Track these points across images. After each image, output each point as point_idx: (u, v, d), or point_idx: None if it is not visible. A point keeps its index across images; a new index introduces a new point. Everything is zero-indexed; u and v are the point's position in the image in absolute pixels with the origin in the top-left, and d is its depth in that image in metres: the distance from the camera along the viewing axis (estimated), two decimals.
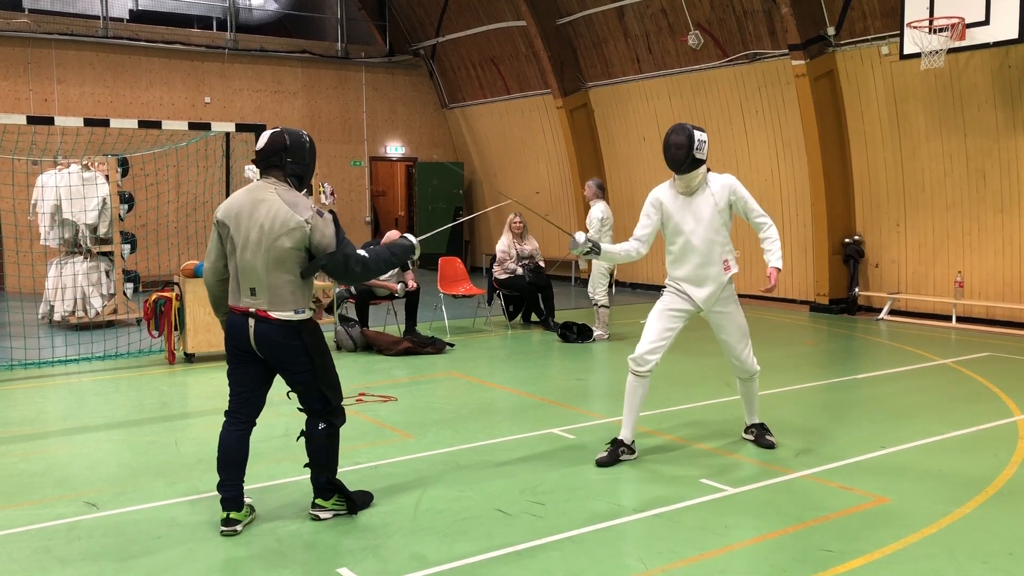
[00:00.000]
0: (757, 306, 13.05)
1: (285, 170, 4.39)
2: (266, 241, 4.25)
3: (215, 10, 17.52)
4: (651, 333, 5.55)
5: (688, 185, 5.46)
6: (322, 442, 4.52)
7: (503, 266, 10.92)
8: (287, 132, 4.44)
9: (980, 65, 10.67)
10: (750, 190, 5.76)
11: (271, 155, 4.38)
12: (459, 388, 7.98)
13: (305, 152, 4.45)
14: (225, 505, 4.36)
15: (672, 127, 5.45)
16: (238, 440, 4.43)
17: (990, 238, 11.09)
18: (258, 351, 4.36)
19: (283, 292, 4.29)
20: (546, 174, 17.28)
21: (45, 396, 7.71)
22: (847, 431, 6.36)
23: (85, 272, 10.93)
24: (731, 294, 5.64)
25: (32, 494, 5.01)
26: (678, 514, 4.64)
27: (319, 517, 4.55)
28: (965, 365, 8.76)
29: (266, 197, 4.31)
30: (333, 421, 4.54)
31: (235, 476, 4.40)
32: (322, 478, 4.56)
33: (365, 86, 18.55)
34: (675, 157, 5.37)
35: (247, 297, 4.33)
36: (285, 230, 4.23)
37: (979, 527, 4.46)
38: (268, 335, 4.30)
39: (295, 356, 4.35)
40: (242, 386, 4.46)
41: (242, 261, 4.31)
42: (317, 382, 4.44)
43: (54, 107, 14.96)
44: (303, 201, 4.35)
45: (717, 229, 5.48)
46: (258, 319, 4.30)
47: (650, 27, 14.32)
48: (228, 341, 4.43)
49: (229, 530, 4.33)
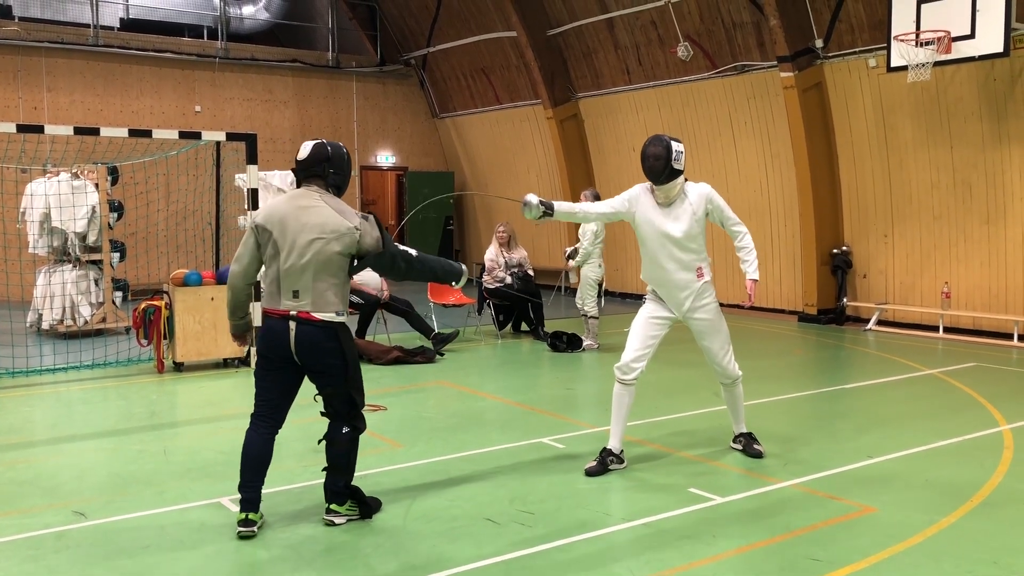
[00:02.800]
0: (745, 316, 13.10)
1: (327, 180, 4.57)
2: (317, 245, 4.40)
3: (206, 19, 17.53)
4: (635, 341, 5.59)
5: (667, 195, 5.49)
6: (345, 446, 4.61)
7: (492, 275, 10.94)
8: (329, 144, 4.64)
9: (966, 78, 10.77)
10: (739, 201, 5.84)
11: (314, 165, 4.55)
12: (449, 397, 7.99)
13: (344, 163, 4.64)
14: (244, 506, 4.44)
15: (649, 138, 5.49)
16: (263, 442, 4.51)
17: (976, 249, 11.18)
18: (296, 354, 4.44)
19: (327, 294, 4.44)
20: (536, 184, 17.32)
21: (33, 405, 7.67)
22: (834, 441, 6.40)
23: (74, 280, 10.90)
24: (710, 300, 5.66)
25: (20, 503, 4.99)
26: (666, 523, 4.66)
27: (334, 522, 4.59)
28: (951, 375, 8.83)
29: (313, 204, 4.47)
30: (358, 425, 4.64)
31: (256, 478, 4.48)
32: (340, 482, 4.62)
33: (356, 95, 18.58)
34: (653, 168, 5.40)
35: (288, 299, 4.43)
36: (336, 235, 4.41)
37: (965, 536, 4.50)
38: (309, 336, 4.41)
39: (332, 358, 4.47)
40: (271, 392, 4.55)
41: (287, 265, 4.43)
42: (348, 385, 4.55)
43: (44, 115, 14.93)
44: (349, 208, 4.56)
45: (693, 238, 5.53)
46: (300, 321, 4.41)
47: (640, 38, 14.41)
48: (264, 345, 4.51)
49: (247, 531, 4.40)
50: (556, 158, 16.41)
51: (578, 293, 10.41)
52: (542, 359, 9.90)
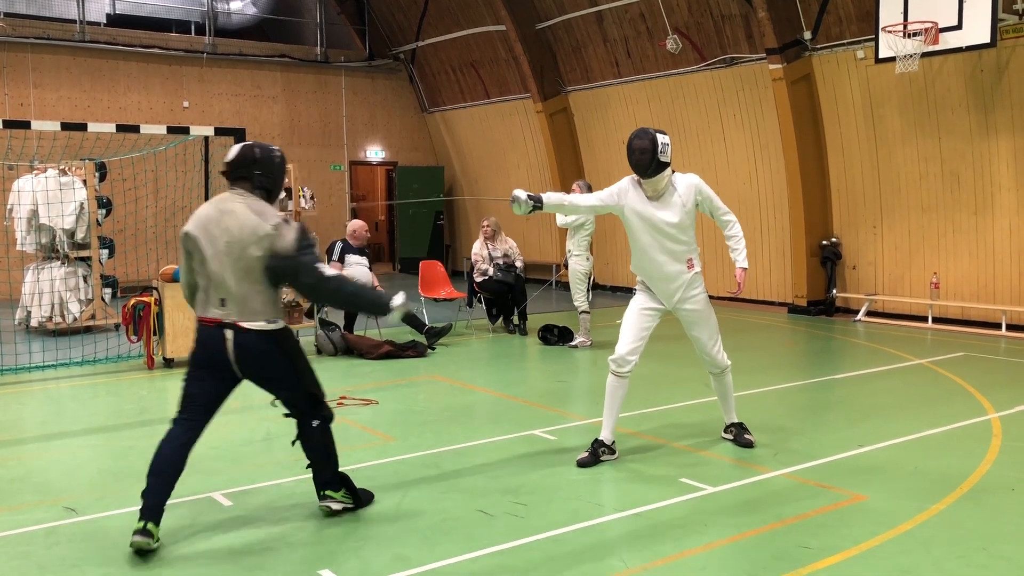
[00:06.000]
0: (735, 308, 13.14)
1: (253, 182, 4.36)
2: (236, 251, 4.22)
3: (193, 14, 17.45)
4: (629, 333, 5.59)
5: (655, 188, 5.47)
6: (319, 439, 4.52)
7: (477, 268, 10.96)
8: (258, 145, 4.44)
9: (953, 69, 10.81)
10: (728, 193, 5.86)
11: (241, 167, 4.37)
12: (440, 391, 7.99)
13: (274, 166, 4.43)
14: (144, 513, 4.14)
15: (634, 132, 5.46)
16: (180, 450, 4.27)
17: (964, 240, 11.24)
18: (237, 365, 4.26)
19: (254, 303, 4.24)
20: (526, 178, 17.32)
21: (23, 402, 7.64)
22: (825, 430, 6.43)
23: (63, 277, 10.84)
24: (700, 291, 5.67)
25: (10, 500, 4.98)
26: (658, 513, 4.68)
27: (331, 508, 4.56)
28: (941, 365, 8.87)
29: (234, 208, 4.29)
30: (325, 415, 4.54)
31: (163, 486, 4.22)
32: (327, 473, 4.57)
33: (345, 90, 18.53)
34: (640, 162, 5.38)
35: (216, 308, 4.25)
36: (254, 239, 4.21)
37: (954, 523, 4.53)
38: (248, 346, 4.23)
39: (278, 366, 4.34)
40: (199, 398, 4.33)
41: (212, 272, 4.25)
42: (302, 385, 4.44)
43: (30, 111, 14.84)
44: (270, 210, 4.34)
45: (683, 230, 5.53)
46: (236, 330, 4.23)
47: (629, 32, 14.41)
48: (200, 353, 4.32)
49: (142, 540, 4.07)
50: (546, 152, 16.41)
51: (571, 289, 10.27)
52: (533, 352, 9.91)
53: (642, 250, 5.61)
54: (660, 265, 5.56)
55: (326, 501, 4.58)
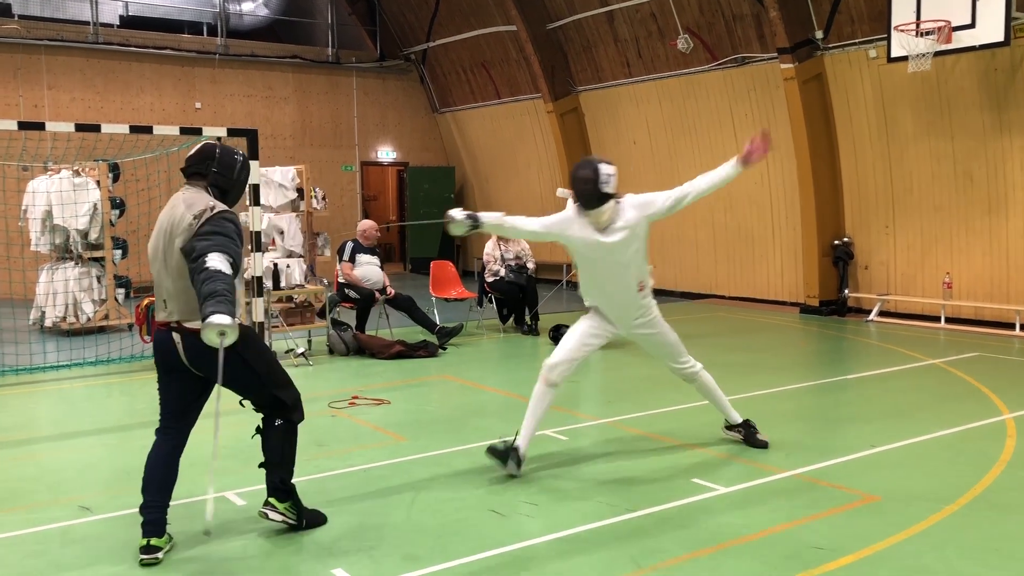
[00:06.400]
0: (747, 308, 13.12)
1: (209, 179, 4.23)
2: (167, 248, 4.08)
3: (206, 16, 17.51)
4: (569, 343, 5.50)
5: (598, 220, 5.21)
6: (278, 439, 4.30)
7: (489, 268, 10.97)
8: (219, 145, 4.32)
9: (967, 68, 10.76)
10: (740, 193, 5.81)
11: (198, 162, 4.26)
12: (452, 391, 8.00)
13: (234, 169, 4.29)
14: (146, 529, 4.08)
15: (578, 162, 5.29)
16: (167, 458, 4.22)
17: (978, 239, 11.18)
18: (192, 367, 4.12)
19: (189, 299, 4.00)
20: (537, 178, 17.33)
21: (37, 402, 7.69)
22: (837, 431, 6.41)
23: (76, 278, 10.91)
24: (652, 312, 5.56)
25: (25, 499, 5.02)
26: (670, 513, 4.68)
27: (268, 516, 4.34)
28: (954, 365, 8.83)
29: (175, 204, 4.16)
30: (291, 418, 4.32)
31: (160, 498, 4.15)
32: (276, 478, 4.34)
33: (356, 91, 18.57)
34: (583, 192, 5.13)
35: (161, 311, 4.14)
36: (179, 231, 4.02)
37: (968, 524, 4.51)
38: (198, 348, 3.95)
39: (233, 367, 3.98)
40: (174, 402, 4.25)
41: (153, 272, 4.15)
42: (265, 387, 4.24)
43: (44, 113, 14.93)
44: (202, 200, 4.10)
45: (632, 256, 5.33)
46: (183, 333, 4.06)
47: (639, 31, 14.39)
48: (157, 358, 4.22)
49: (150, 558, 4.03)
50: (556, 152, 16.40)
51: None
52: (544, 352, 9.87)
53: (593, 280, 5.48)
54: (612, 294, 5.45)
55: (267, 508, 4.36)
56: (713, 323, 11.95)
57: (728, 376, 8.11)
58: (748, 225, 13.57)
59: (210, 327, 3.69)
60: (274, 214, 10.31)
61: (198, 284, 3.81)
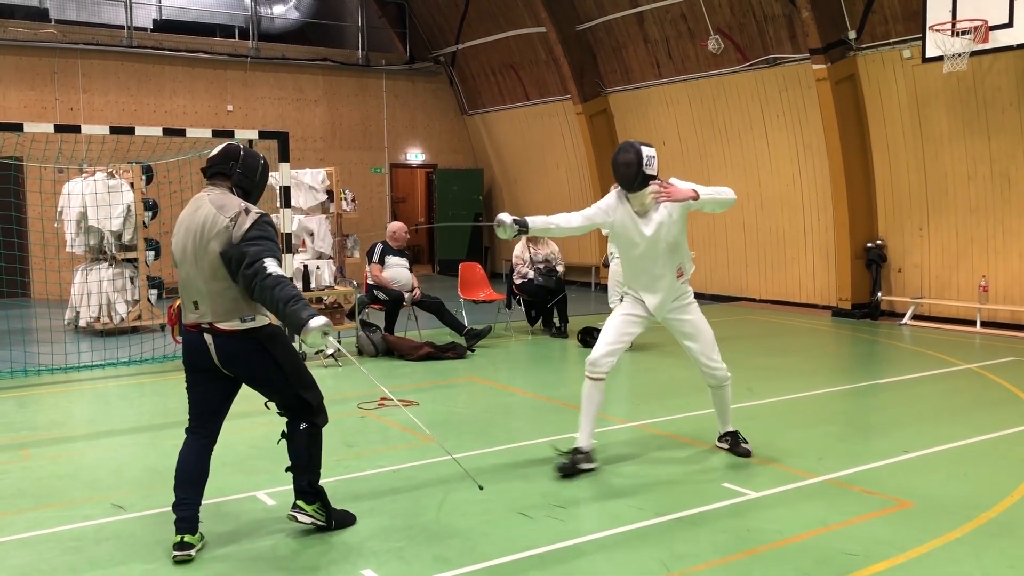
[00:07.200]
0: (778, 311, 13.00)
1: (232, 179, 4.26)
2: (199, 249, 4.11)
3: (237, 19, 17.69)
4: (608, 336, 5.50)
5: (642, 203, 5.34)
6: (303, 443, 4.33)
7: (518, 270, 10.96)
8: (244, 148, 4.37)
9: (1004, 68, 10.59)
10: (771, 194, 5.77)
11: (221, 162, 4.28)
12: (480, 392, 8.00)
13: (256, 170, 4.34)
14: (179, 527, 4.13)
15: (620, 145, 5.37)
16: (198, 456, 4.26)
17: (1015, 242, 10.99)
18: (224, 368, 4.18)
19: (224, 301, 4.09)
20: (566, 180, 17.30)
21: (72, 400, 7.80)
22: (870, 435, 6.32)
23: (110, 278, 11.06)
24: (690, 300, 5.57)
25: (60, 496, 5.08)
26: (700, 517, 4.64)
27: (296, 519, 4.39)
28: (990, 370, 8.69)
29: (201, 204, 4.19)
30: (315, 421, 4.36)
31: (192, 495, 4.20)
32: (303, 481, 4.38)
33: (386, 93, 18.66)
34: (625, 175, 5.27)
35: (191, 312, 4.16)
36: (213, 233, 4.06)
37: (1005, 531, 4.43)
38: (230, 348, 4.11)
39: (264, 367, 4.17)
40: (204, 403, 4.29)
41: (183, 274, 4.19)
42: (292, 387, 4.27)
43: (79, 116, 15.15)
44: (232, 201, 4.15)
45: (674, 239, 5.40)
46: (215, 334, 4.11)
47: (670, 32, 14.32)
48: (188, 358, 4.26)
49: (183, 555, 4.07)
50: (586, 154, 16.37)
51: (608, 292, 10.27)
52: (572, 355, 9.88)
53: (633, 264, 5.52)
54: (652, 279, 5.46)
55: (296, 511, 4.40)
56: (745, 326, 11.85)
57: (761, 379, 8.05)
58: (780, 227, 13.44)
59: (314, 330, 3.90)
60: (304, 216, 10.38)
61: (268, 291, 3.96)
